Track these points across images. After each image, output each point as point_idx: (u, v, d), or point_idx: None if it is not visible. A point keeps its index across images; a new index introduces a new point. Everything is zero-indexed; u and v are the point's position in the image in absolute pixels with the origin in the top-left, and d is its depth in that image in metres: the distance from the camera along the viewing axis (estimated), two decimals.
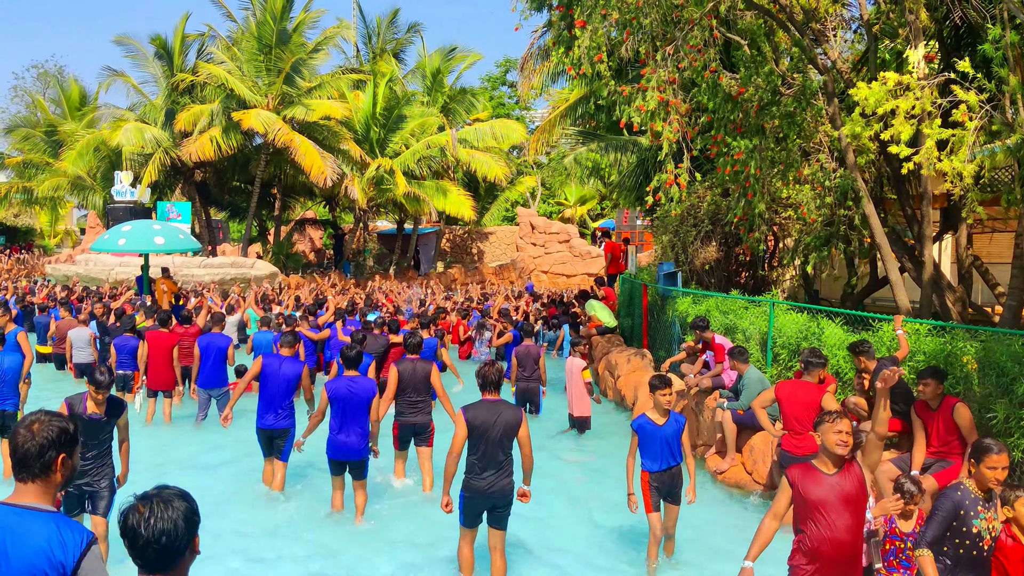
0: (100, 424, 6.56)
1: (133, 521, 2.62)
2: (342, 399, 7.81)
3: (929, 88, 8.89)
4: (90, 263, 30.90)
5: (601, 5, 10.61)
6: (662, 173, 11.34)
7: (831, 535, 4.81)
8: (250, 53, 34.26)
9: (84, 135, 36.65)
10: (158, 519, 2.61)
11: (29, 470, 2.99)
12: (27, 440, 3.00)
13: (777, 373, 10.05)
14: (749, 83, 11.39)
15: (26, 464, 2.98)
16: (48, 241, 56.88)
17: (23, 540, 2.77)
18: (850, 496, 4.85)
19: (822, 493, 4.85)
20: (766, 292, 13.72)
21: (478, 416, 6.18)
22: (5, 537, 2.77)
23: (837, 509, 4.82)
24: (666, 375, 6.94)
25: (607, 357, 14.92)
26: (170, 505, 2.66)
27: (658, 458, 6.90)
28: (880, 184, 12.75)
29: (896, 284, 10.79)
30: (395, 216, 41.43)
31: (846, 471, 4.91)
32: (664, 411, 6.90)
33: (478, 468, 6.23)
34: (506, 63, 57.70)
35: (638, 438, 6.92)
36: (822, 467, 4.95)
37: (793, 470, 5.02)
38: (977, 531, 4.86)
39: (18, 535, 2.78)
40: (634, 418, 7.27)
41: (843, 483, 4.87)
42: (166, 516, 2.63)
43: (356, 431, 7.84)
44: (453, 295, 26.11)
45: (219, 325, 12.18)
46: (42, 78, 62.86)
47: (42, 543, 2.78)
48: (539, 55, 23.38)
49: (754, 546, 4.97)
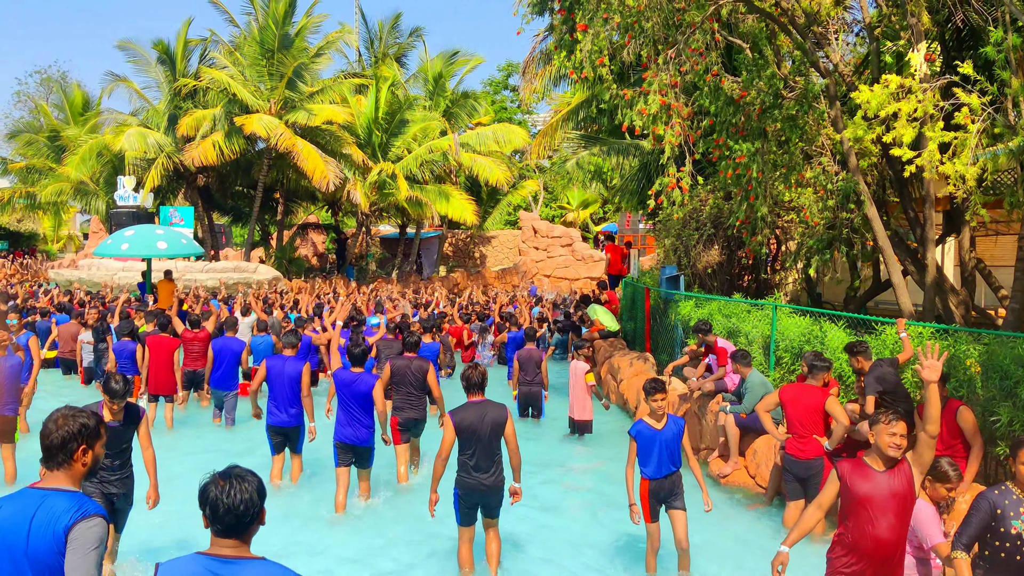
0: (118, 432, 6.35)
1: (214, 494, 3.04)
2: (349, 393, 8.20)
3: (931, 91, 8.89)
4: (93, 268, 30.94)
5: (603, 9, 10.62)
6: (664, 177, 11.33)
7: (872, 531, 4.85)
8: (252, 58, 34.33)
9: (87, 140, 36.71)
10: (236, 491, 3.03)
11: (54, 459, 3.45)
12: (52, 433, 3.46)
13: (780, 376, 10.03)
14: (751, 86, 11.40)
15: (51, 454, 3.44)
16: (51, 246, 57.02)
17: (43, 513, 3.23)
18: (897, 495, 4.85)
19: (869, 489, 4.87)
20: (769, 295, 13.70)
21: (466, 418, 6.38)
22: (29, 512, 3.24)
23: (882, 507, 4.84)
24: (660, 379, 6.72)
25: (610, 361, 14.91)
26: (244, 480, 3.09)
27: (657, 464, 6.66)
28: (882, 187, 12.74)
29: (899, 287, 10.78)
30: (398, 220, 41.47)
31: (896, 470, 4.91)
32: (661, 416, 6.67)
33: (470, 467, 6.44)
34: (508, 67, 57.82)
35: (636, 444, 6.67)
36: (872, 464, 4.96)
37: (844, 464, 5.05)
38: (1017, 532, 4.75)
39: (40, 509, 3.24)
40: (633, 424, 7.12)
41: (891, 482, 4.87)
42: (242, 489, 3.05)
43: (362, 423, 8.21)
44: (457, 299, 26.08)
45: (232, 329, 12.35)
46: (45, 83, 63.04)
47: (56, 515, 3.23)
48: (541, 59, 23.43)
49: (794, 532, 5.10)
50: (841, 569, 4.99)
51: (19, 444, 10.49)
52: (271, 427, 9.06)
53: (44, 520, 3.24)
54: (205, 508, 3.07)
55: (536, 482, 9.32)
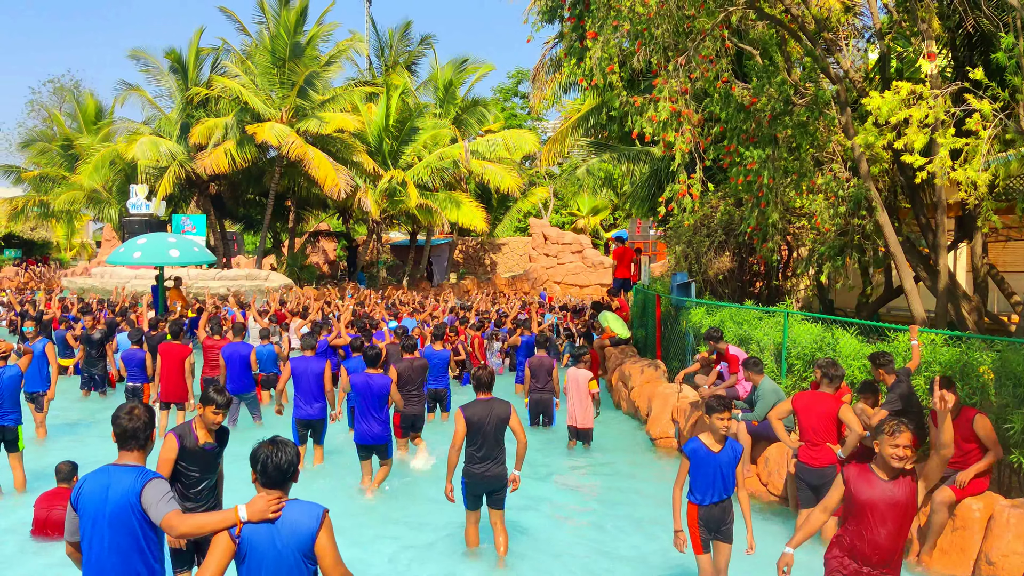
0: (214, 454, 5.91)
1: (264, 455, 3.96)
2: (363, 392, 8.94)
3: (942, 97, 8.87)
4: (106, 276, 31.08)
5: (612, 17, 10.65)
6: (675, 184, 11.33)
7: (871, 537, 4.96)
8: (264, 66, 34.48)
9: (100, 149, 36.92)
10: (282, 453, 3.96)
11: (130, 444, 4.29)
12: (130, 422, 4.30)
13: (792, 384, 10.00)
14: (761, 93, 11.39)
15: (128, 439, 4.28)
16: (64, 254, 57.32)
17: (118, 484, 4.12)
18: (899, 504, 4.95)
19: (872, 496, 4.97)
20: (780, 302, 13.68)
21: (475, 413, 7.05)
22: (109, 483, 4.13)
23: (882, 514, 4.95)
24: (726, 397, 6.27)
25: (621, 368, 14.89)
26: (287, 445, 4.02)
27: (710, 489, 6.11)
28: (894, 193, 12.71)
29: (911, 293, 10.74)
30: (408, 228, 41.54)
31: (901, 480, 4.99)
32: (721, 437, 6.12)
33: (476, 458, 7.09)
34: (518, 74, 57.86)
35: (689, 464, 6.13)
36: (878, 472, 5.04)
37: (850, 468, 5.15)
38: None
39: (115, 481, 4.13)
40: (685, 441, 6.75)
41: (894, 491, 4.96)
42: (286, 452, 3.97)
43: (377, 420, 8.96)
44: (469, 307, 26.07)
45: (240, 335, 12.62)
46: (58, 92, 63.53)
47: (128, 485, 4.11)
48: (551, 66, 23.48)
49: (799, 534, 5.23)
50: (838, 569, 5.12)
51: (39, 450, 10.60)
52: (298, 420, 10.03)
53: (118, 490, 4.10)
54: (256, 466, 3.97)
55: (545, 504, 9.32)
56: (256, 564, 3.81)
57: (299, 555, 3.83)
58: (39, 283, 43.30)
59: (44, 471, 9.13)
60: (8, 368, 9.02)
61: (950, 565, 6.78)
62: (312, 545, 3.84)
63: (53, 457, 9.00)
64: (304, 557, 3.84)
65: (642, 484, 9.84)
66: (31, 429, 11.46)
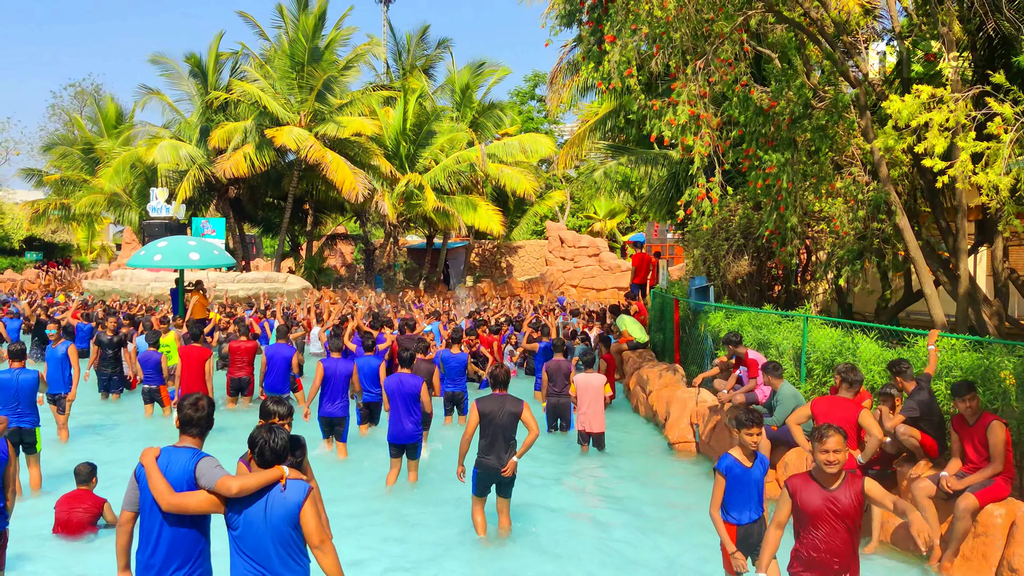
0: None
1: (262, 440, 4.60)
2: (394, 392, 9.30)
3: (963, 101, 8.82)
4: (126, 278, 31.38)
5: (631, 20, 10.64)
6: (693, 187, 11.31)
7: (827, 546, 5.01)
8: (283, 71, 34.70)
9: (120, 152, 37.26)
10: (277, 438, 4.60)
11: (190, 430, 4.83)
12: (195, 412, 4.83)
13: (811, 389, 9.97)
14: (780, 96, 11.36)
15: (190, 426, 4.83)
16: (84, 257, 57.79)
17: (176, 462, 4.66)
18: (845, 510, 4.99)
19: (818, 505, 5.01)
20: (799, 306, 13.62)
21: (487, 406, 7.53)
22: (168, 462, 4.66)
23: (831, 523, 5.00)
24: (755, 410, 6.13)
25: (638, 372, 14.87)
26: (281, 431, 4.66)
27: (747, 507, 5.94)
28: (913, 197, 12.64)
29: (931, 298, 10.68)
30: (425, 231, 41.70)
31: (845, 486, 5.03)
32: (751, 452, 6.00)
33: (487, 449, 7.57)
34: (534, 77, 57.93)
35: (725, 483, 5.91)
36: (819, 480, 5.07)
37: (794, 480, 5.17)
38: None
39: (173, 460, 4.67)
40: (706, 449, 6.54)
41: (839, 497, 5.00)
42: (280, 437, 4.61)
43: (409, 419, 9.28)
44: (484, 310, 26.13)
45: (284, 337, 13.22)
46: (79, 97, 64.04)
47: (184, 463, 4.64)
48: (568, 69, 23.48)
49: (764, 555, 5.24)
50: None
51: (61, 450, 10.70)
52: (322, 417, 10.77)
53: (175, 468, 4.64)
54: (255, 449, 4.61)
55: (576, 523, 9.30)
56: (249, 532, 4.44)
57: (287, 525, 4.45)
58: (60, 285, 43.72)
59: (65, 472, 9.20)
60: (24, 371, 9.11)
61: (972, 571, 6.74)
62: (298, 514, 4.45)
63: (75, 456, 9.08)
64: (291, 527, 4.46)
65: (661, 490, 9.82)
66: (53, 431, 11.58)
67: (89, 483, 7.91)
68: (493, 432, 7.52)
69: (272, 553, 4.42)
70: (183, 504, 4.48)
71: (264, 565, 4.42)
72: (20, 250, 54.77)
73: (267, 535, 4.42)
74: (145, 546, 4.59)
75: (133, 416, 13.28)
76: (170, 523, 4.55)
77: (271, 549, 4.42)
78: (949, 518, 7.09)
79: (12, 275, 48.39)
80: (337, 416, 10.72)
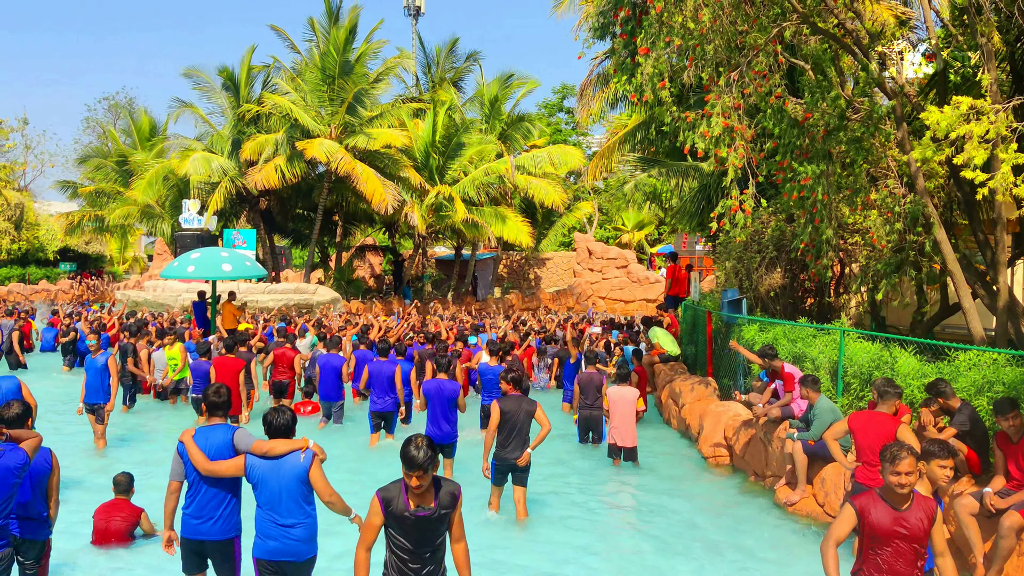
0: (430, 522, 4.82)
1: (270, 418, 5.72)
2: (432, 396, 10.14)
3: (1004, 112, 8.71)
4: (158, 289, 31.70)
5: (665, 32, 10.63)
6: (727, 199, 11.25)
7: (888, 567, 4.92)
8: (314, 84, 34.97)
9: (153, 165, 37.73)
10: (281, 417, 5.70)
11: (217, 412, 6.12)
12: (218, 398, 6.11)
13: (848, 403, 9.85)
14: (815, 108, 11.28)
15: (216, 409, 6.11)
16: (117, 268, 58.55)
17: (214, 437, 5.92)
18: (913, 532, 4.90)
19: (886, 526, 4.92)
20: (834, 319, 13.48)
21: (507, 406, 8.55)
22: (207, 438, 5.90)
23: (897, 545, 4.91)
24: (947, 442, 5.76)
25: (671, 385, 14.78)
26: (284, 412, 5.74)
27: None
28: (949, 209, 12.49)
29: (969, 312, 10.52)
30: (453, 242, 41.77)
31: (915, 507, 4.94)
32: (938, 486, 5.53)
33: (505, 443, 8.56)
34: (563, 89, 57.99)
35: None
36: (888, 499, 4.98)
37: (860, 499, 5.06)
38: None
39: (211, 436, 5.92)
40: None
41: (908, 519, 4.92)
42: (283, 415, 5.71)
43: (443, 420, 10.12)
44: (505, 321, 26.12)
45: (335, 347, 13.71)
46: (113, 110, 65.02)
47: (221, 436, 5.92)
48: (598, 82, 23.47)
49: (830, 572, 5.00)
50: None
51: (98, 461, 10.84)
52: (373, 412, 12.13)
53: (215, 441, 5.88)
54: (265, 425, 5.73)
55: (617, 524, 9.26)
56: (266, 487, 5.56)
57: (296, 480, 5.55)
58: (93, 296, 44.27)
59: (103, 482, 9.28)
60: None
61: None
62: (307, 474, 5.57)
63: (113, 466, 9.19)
64: (301, 482, 5.56)
65: (695, 504, 9.73)
66: (90, 440, 11.72)
67: (128, 493, 8.00)
68: (511, 428, 8.52)
69: (284, 502, 5.52)
70: (216, 469, 5.73)
71: (276, 510, 5.52)
72: (54, 261, 55.64)
73: (279, 489, 5.52)
74: (190, 502, 5.83)
75: (167, 424, 13.41)
76: (208, 484, 5.78)
77: (283, 499, 5.52)
78: (993, 536, 6.97)
79: (47, 285, 49.16)
80: (387, 410, 12.08)
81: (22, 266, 52.91)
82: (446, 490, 4.88)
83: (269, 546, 5.52)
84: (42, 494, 5.84)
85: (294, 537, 5.51)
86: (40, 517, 5.84)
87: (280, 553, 5.51)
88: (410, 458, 4.68)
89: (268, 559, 5.53)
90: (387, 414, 12.20)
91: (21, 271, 52.39)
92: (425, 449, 4.70)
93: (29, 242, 52.51)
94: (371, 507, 4.83)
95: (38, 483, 5.80)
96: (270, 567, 5.54)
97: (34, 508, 5.79)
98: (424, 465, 4.67)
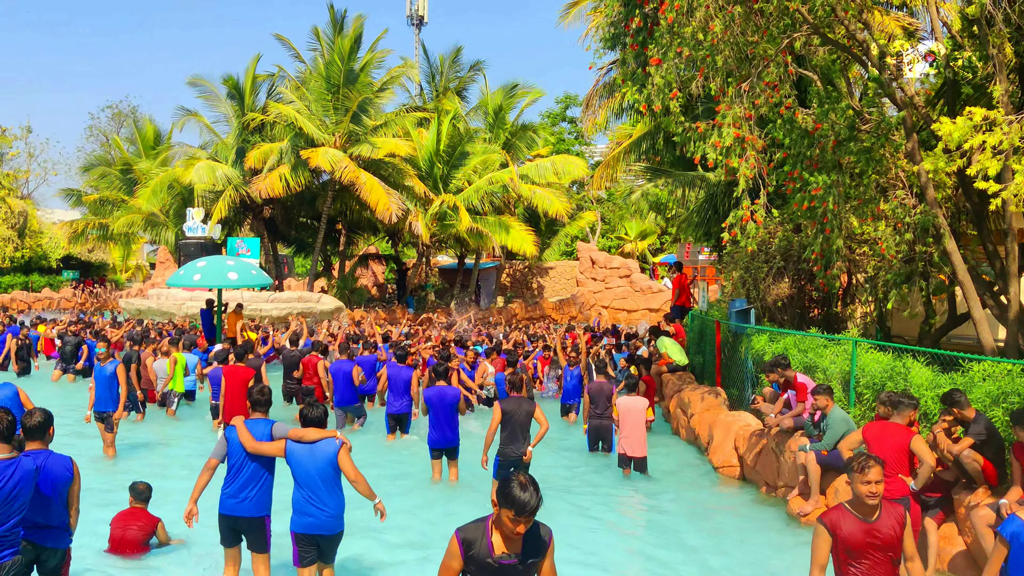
0: (515, 571, 4.27)
1: (304, 411, 6.51)
2: (434, 403, 10.40)
3: (1017, 123, 8.74)
4: (162, 297, 31.69)
5: (676, 43, 10.67)
6: (737, 209, 11.27)
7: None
8: (318, 93, 35.08)
9: (158, 173, 37.80)
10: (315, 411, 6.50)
11: (260, 408, 6.88)
12: (261, 396, 6.91)
13: (860, 414, 9.84)
14: (824, 119, 11.31)
15: (259, 405, 6.88)
16: (120, 275, 58.54)
17: (256, 428, 6.64)
18: (888, 541, 4.92)
19: (858, 538, 4.91)
20: (842, 329, 13.48)
21: (508, 406, 9.19)
22: (252, 429, 6.60)
23: (873, 555, 4.92)
24: None
25: (679, 395, 14.77)
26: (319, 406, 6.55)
27: None
28: (958, 219, 12.50)
29: (980, 322, 10.53)
30: (456, 251, 41.81)
31: (885, 515, 4.95)
32: None
33: (507, 440, 9.16)
34: (566, 99, 58.11)
35: (1008, 554, 5.04)
36: (856, 512, 4.97)
37: (829, 515, 5.04)
38: None
39: (254, 428, 6.63)
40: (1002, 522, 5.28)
41: (879, 528, 4.92)
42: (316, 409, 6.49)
43: (446, 427, 10.45)
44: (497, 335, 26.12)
45: (346, 353, 14.14)
46: (116, 118, 65.15)
47: (263, 429, 6.64)
48: (604, 92, 23.55)
49: None
50: None
51: (109, 468, 10.82)
52: (389, 414, 12.92)
53: (257, 431, 6.63)
54: (302, 419, 6.50)
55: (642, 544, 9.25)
56: (302, 469, 6.32)
57: (327, 463, 6.31)
58: (96, 303, 44.27)
59: (116, 490, 9.27)
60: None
61: None
62: (336, 458, 6.31)
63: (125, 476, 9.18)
64: (331, 465, 6.31)
65: (707, 514, 9.73)
66: (99, 448, 11.71)
67: (146, 502, 7.99)
68: (512, 427, 9.13)
69: (317, 483, 6.28)
70: (261, 448, 6.49)
71: (311, 489, 6.30)
72: (57, 268, 55.65)
73: (313, 471, 6.29)
74: (229, 483, 6.56)
75: (174, 432, 13.43)
76: (250, 460, 6.54)
77: (317, 480, 6.28)
78: None
79: (50, 293, 49.17)
80: (402, 412, 12.80)
81: (25, 274, 52.88)
82: (537, 535, 4.21)
83: (305, 521, 6.35)
84: (63, 502, 5.83)
85: (327, 514, 6.33)
86: (62, 525, 5.83)
87: (314, 527, 6.33)
88: (521, 503, 3.95)
89: (304, 532, 6.36)
90: (402, 416, 12.89)
91: (24, 279, 52.37)
92: (536, 492, 3.98)
93: (32, 250, 52.51)
94: (449, 548, 4.22)
95: (60, 491, 5.79)
96: (306, 539, 6.36)
97: (56, 516, 5.79)
98: (536, 510, 3.99)
